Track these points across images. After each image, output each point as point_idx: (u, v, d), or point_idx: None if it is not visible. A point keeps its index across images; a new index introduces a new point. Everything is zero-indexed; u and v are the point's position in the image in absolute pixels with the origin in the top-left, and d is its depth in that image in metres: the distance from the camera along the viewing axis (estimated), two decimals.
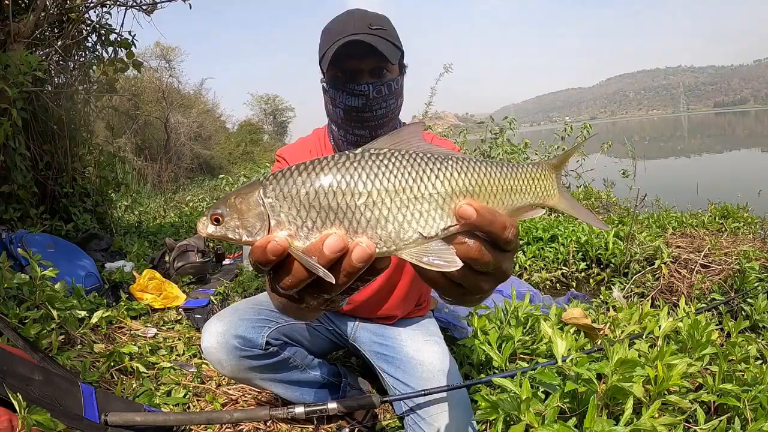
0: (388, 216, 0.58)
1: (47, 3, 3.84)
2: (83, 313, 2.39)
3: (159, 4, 4.50)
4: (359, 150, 0.61)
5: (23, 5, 3.88)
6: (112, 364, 2.10)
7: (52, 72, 4.21)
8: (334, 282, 0.55)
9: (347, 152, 0.60)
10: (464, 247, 0.58)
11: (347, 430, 1.79)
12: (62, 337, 2.15)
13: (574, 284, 3.49)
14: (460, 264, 0.56)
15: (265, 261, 0.56)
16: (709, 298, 2.70)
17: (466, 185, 0.61)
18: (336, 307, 0.65)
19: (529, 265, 3.65)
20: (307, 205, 0.57)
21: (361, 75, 1.44)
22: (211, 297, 3.08)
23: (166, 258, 3.73)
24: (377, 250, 0.57)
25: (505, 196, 0.65)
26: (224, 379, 2.13)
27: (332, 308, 0.66)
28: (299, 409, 1.51)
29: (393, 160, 0.60)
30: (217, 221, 0.61)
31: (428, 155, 0.61)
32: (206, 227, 0.62)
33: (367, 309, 1.73)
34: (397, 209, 0.58)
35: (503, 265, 0.61)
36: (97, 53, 4.54)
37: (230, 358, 1.59)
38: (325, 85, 1.51)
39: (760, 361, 1.57)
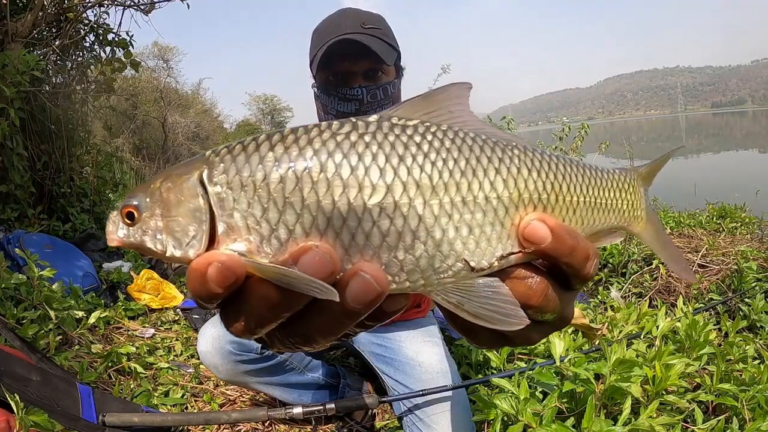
0: (418, 229, 0.36)
1: (45, 2, 3.83)
2: (81, 314, 2.39)
3: (157, 4, 4.49)
4: (374, 117, 0.39)
5: (21, 5, 3.87)
6: (109, 364, 2.10)
7: (50, 72, 4.20)
8: (337, 299, 0.33)
9: (354, 119, 0.39)
10: (523, 288, 0.39)
11: (346, 430, 1.79)
12: (60, 337, 2.14)
13: None
14: (526, 321, 0.37)
15: (208, 295, 0.34)
16: (706, 298, 2.70)
17: (539, 190, 0.40)
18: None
19: None
20: (280, 201, 0.35)
21: (354, 78, 1.35)
22: None
23: None
24: (393, 285, 0.36)
25: (587, 212, 0.45)
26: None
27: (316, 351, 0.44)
28: (297, 410, 1.51)
29: (429, 137, 0.38)
30: (130, 217, 0.38)
31: (482, 137, 0.40)
32: (117, 228, 0.39)
33: None
34: (434, 219, 0.36)
35: (566, 311, 0.43)
36: (94, 53, 4.54)
37: (226, 362, 1.59)
38: (316, 90, 1.43)
39: (757, 361, 1.57)
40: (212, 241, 0.36)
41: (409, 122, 0.39)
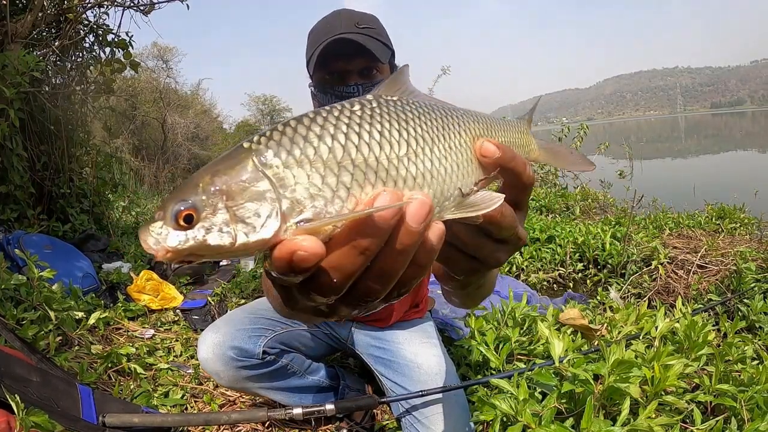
0: (432, 170, 0.47)
1: (44, 3, 3.83)
2: (80, 314, 2.39)
3: (156, 5, 4.49)
4: (370, 96, 0.50)
5: (20, 5, 3.88)
6: (109, 365, 2.10)
7: (50, 72, 4.20)
8: (430, 200, 0.42)
9: (354, 99, 0.48)
10: None
11: (345, 431, 1.79)
12: (60, 338, 2.14)
13: (571, 285, 3.49)
14: (501, 197, 0.48)
15: (297, 275, 0.38)
16: (705, 299, 2.71)
17: (481, 135, 0.56)
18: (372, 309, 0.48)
19: (526, 266, 3.65)
20: (334, 167, 0.41)
21: (350, 76, 1.39)
22: (209, 298, 3.07)
23: None
24: None
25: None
26: None
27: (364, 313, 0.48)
28: (297, 411, 1.51)
29: (413, 107, 0.50)
30: (188, 221, 0.38)
31: (439, 105, 0.55)
32: (165, 238, 0.38)
33: None
34: (439, 162, 0.48)
35: (519, 230, 0.56)
36: (94, 53, 4.53)
37: (227, 369, 1.59)
38: (312, 89, 1.46)
39: (756, 362, 1.58)
40: (281, 219, 0.39)
41: (393, 98, 0.51)
